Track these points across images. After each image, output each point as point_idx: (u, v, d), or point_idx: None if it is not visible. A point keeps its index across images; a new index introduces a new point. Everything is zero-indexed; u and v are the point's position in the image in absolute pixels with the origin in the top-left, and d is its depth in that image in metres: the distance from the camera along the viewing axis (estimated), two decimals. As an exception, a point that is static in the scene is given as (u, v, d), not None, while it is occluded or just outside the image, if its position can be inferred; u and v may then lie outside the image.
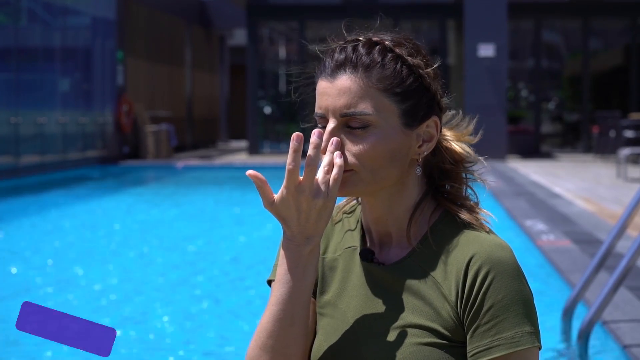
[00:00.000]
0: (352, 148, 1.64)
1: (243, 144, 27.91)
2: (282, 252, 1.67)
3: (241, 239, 9.08)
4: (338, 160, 1.61)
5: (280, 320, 1.66)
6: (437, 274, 1.66)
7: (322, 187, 1.60)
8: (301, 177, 1.60)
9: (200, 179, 17.31)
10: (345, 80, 1.64)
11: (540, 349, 1.63)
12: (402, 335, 1.64)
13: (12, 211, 11.60)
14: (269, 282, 1.80)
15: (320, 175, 1.61)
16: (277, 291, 1.67)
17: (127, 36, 21.13)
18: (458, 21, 22.06)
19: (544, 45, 23.40)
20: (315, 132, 1.60)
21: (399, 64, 1.66)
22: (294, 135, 1.59)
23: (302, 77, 1.76)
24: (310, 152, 1.60)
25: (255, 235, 9.29)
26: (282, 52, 24.99)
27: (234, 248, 8.55)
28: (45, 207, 12.06)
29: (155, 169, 19.11)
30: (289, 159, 1.59)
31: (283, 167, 1.61)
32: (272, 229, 9.05)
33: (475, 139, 1.79)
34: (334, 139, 1.62)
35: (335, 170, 1.61)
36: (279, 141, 23.89)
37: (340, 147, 1.64)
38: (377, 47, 1.67)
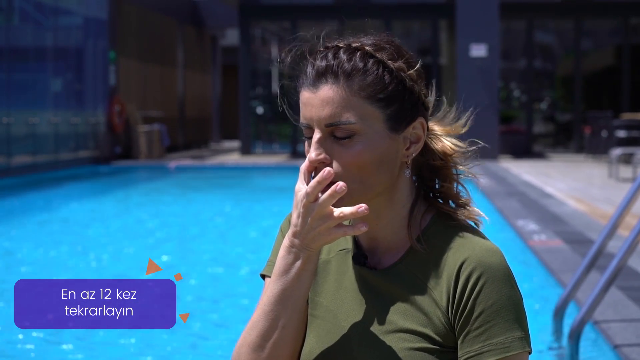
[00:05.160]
0: (339, 158, 1.62)
1: (235, 144, 27.90)
2: (280, 252, 1.67)
3: (235, 239, 9.08)
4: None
5: (271, 320, 1.66)
6: (429, 279, 1.66)
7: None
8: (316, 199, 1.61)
9: (192, 178, 17.30)
10: (328, 91, 1.62)
11: (530, 353, 1.63)
12: (394, 340, 1.64)
13: (4, 211, 11.58)
14: (263, 277, 1.80)
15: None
16: (270, 291, 1.67)
17: (119, 36, 21.10)
18: (450, 21, 22.08)
19: (536, 45, 23.43)
20: (325, 171, 1.59)
21: (381, 69, 1.64)
22: (327, 172, 1.58)
23: (288, 81, 1.75)
24: (312, 185, 1.60)
25: (249, 235, 9.30)
26: (274, 52, 24.98)
27: (230, 248, 8.55)
28: (37, 207, 12.04)
29: (147, 169, 19.08)
30: (313, 183, 1.59)
31: (275, 167, 1.61)
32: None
33: (464, 129, 1.78)
34: (327, 170, 1.59)
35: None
36: (271, 141, 23.88)
37: (329, 157, 1.64)
38: (358, 53, 1.65)
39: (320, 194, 1.59)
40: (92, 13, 19.82)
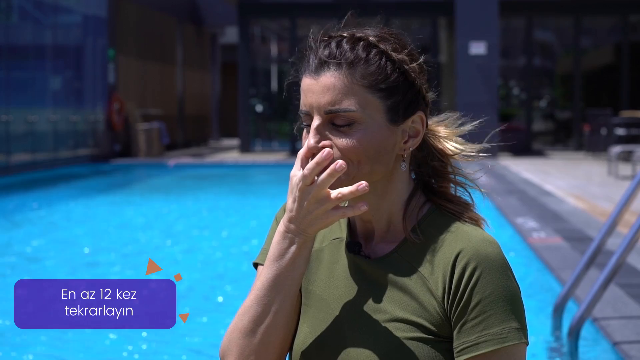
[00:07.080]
0: (337, 144, 1.63)
1: (235, 142, 27.89)
2: (275, 237, 1.67)
3: (234, 239, 9.08)
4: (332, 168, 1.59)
5: (264, 305, 1.66)
6: (424, 269, 1.66)
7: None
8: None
9: (191, 176, 17.30)
10: (329, 77, 1.63)
11: (527, 344, 1.63)
12: (388, 330, 1.64)
13: (3, 209, 11.58)
14: (255, 265, 1.81)
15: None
16: (264, 276, 1.67)
17: (119, 34, 21.09)
18: (449, 19, 22.08)
19: (536, 43, 23.43)
20: (325, 152, 1.58)
21: (383, 60, 1.65)
22: (327, 152, 1.57)
23: (291, 76, 1.75)
24: (311, 166, 1.58)
25: (247, 232, 9.30)
26: (273, 50, 24.97)
27: (228, 247, 8.55)
28: (36, 205, 12.04)
29: (146, 167, 19.08)
30: (311, 165, 1.58)
31: (274, 165, 1.61)
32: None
33: (466, 144, 1.78)
34: (327, 150, 1.58)
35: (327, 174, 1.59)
36: (271, 139, 23.88)
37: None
38: (361, 43, 1.66)
39: (316, 178, 1.59)
40: (91, 11, 19.81)
